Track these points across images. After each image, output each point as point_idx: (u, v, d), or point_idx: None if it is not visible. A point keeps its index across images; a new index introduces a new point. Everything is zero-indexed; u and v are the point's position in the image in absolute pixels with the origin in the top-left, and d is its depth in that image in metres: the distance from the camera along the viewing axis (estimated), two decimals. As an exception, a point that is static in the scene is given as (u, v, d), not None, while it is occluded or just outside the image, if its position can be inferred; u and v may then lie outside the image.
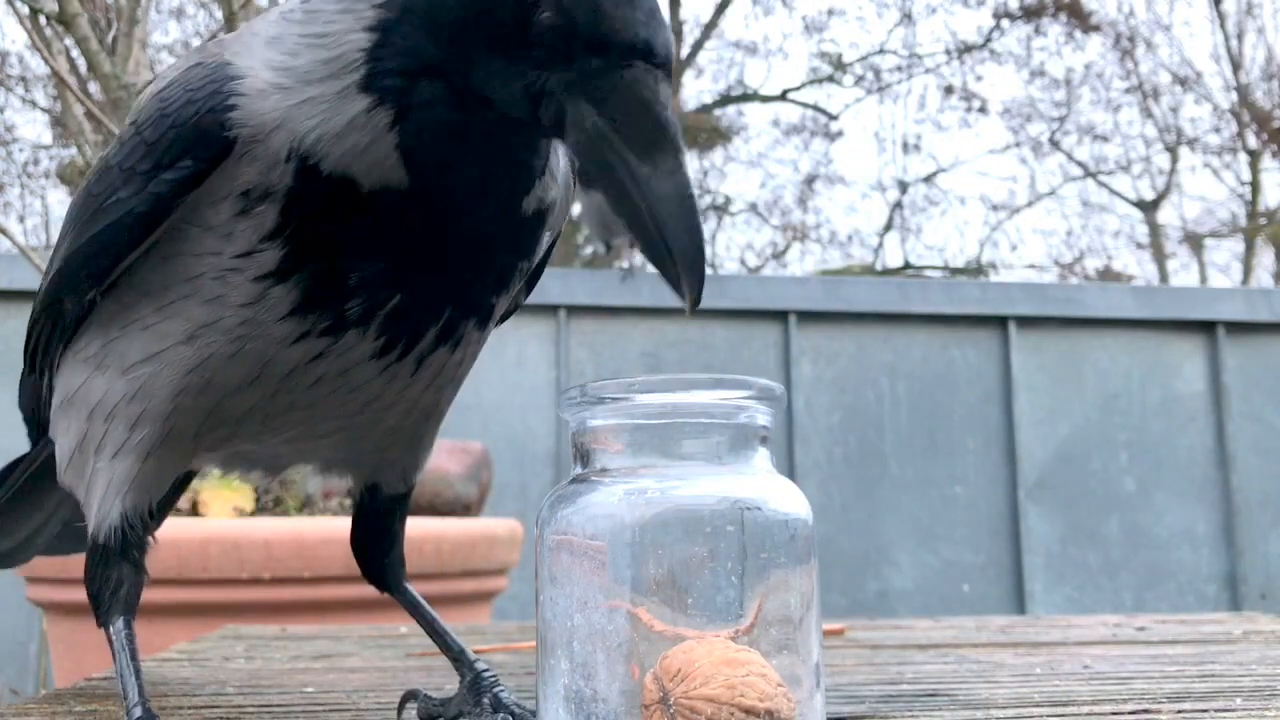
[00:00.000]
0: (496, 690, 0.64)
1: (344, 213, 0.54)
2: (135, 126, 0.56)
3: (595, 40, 0.49)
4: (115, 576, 0.62)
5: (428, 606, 0.70)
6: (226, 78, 0.54)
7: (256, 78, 0.54)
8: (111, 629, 0.62)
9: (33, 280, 2.54)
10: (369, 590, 0.72)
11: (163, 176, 0.53)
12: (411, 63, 0.52)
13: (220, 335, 0.56)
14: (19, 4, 1.89)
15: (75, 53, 1.98)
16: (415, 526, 1.78)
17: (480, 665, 0.66)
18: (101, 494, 0.60)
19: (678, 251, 0.48)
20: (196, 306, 0.56)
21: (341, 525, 1.64)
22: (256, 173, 0.53)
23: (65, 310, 0.60)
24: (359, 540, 0.70)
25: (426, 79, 0.52)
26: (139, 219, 0.54)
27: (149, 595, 0.62)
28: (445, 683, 0.78)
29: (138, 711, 0.58)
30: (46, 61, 1.81)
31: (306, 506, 1.85)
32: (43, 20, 1.92)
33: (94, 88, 1.98)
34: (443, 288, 0.58)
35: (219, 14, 1.76)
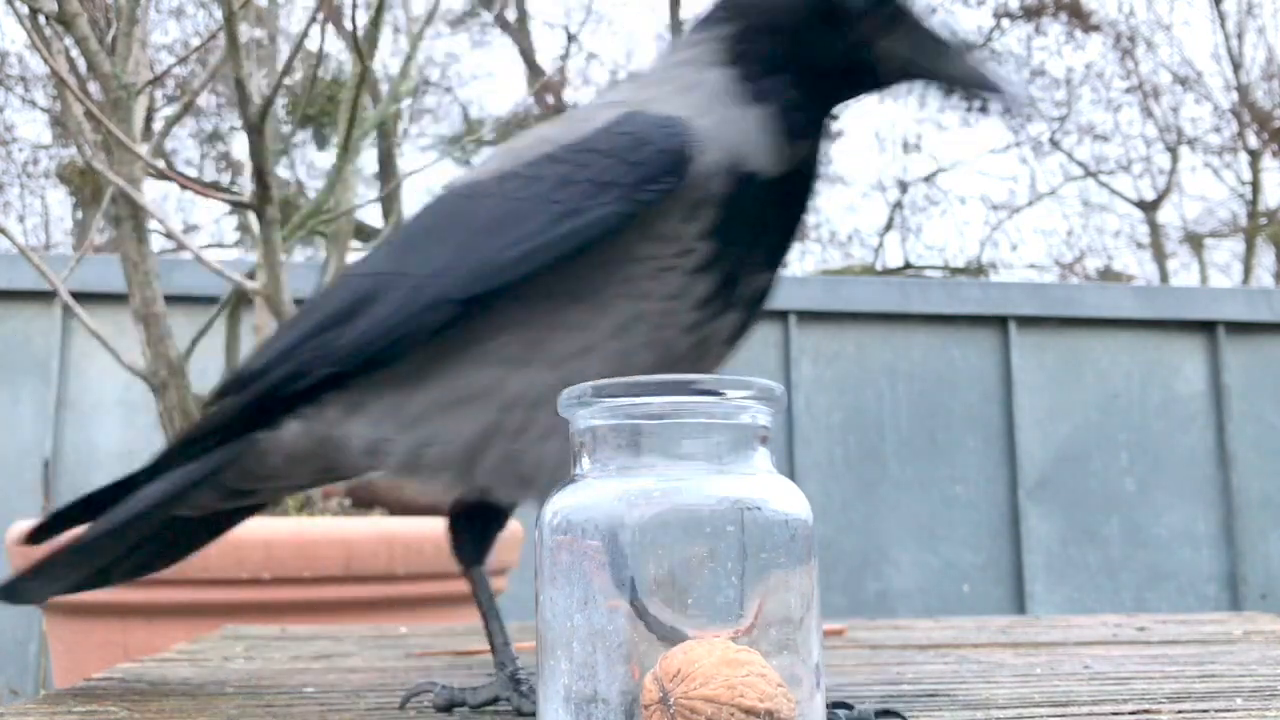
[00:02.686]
0: (534, 683, 0.65)
1: (752, 205, 0.66)
2: (598, 153, 0.66)
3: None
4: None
5: (493, 597, 0.75)
6: (676, 118, 0.66)
7: (680, 115, 0.66)
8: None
9: (33, 280, 2.54)
10: (369, 590, 0.72)
11: (646, 188, 0.64)
12: (769, 72, 0.67)
13: (643, 326, 0.66)
14: (18, 4, 1.89)
15: (75, 53, 1.98)
16: (415, 526, 1.77)
17: (520, 664, 0.68)
18: (535, 466, 0.67)
19: (983, 87, 0.66)
20: (626, 304, 0.66)
21: (341, 525, 1.65)
22: (702, 186, 0.65)
23: (481, 303, 0.65)
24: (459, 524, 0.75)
25: (784, 85, 0.67)
26: (623, 220, 0.64)
27: (149, 595, 0.62)
28: (445, 683, 0.78)
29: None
30: (46, 61, 1.81)
31: (306, 506, 1.85)
32: (42, 20, 1.92)
33: (94, 88, 1.98)
34: (781, 262, 0.71)
35: (219, 14, 1.76)
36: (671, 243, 0.65)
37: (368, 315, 0.67)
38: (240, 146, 8.67)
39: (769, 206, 0.68)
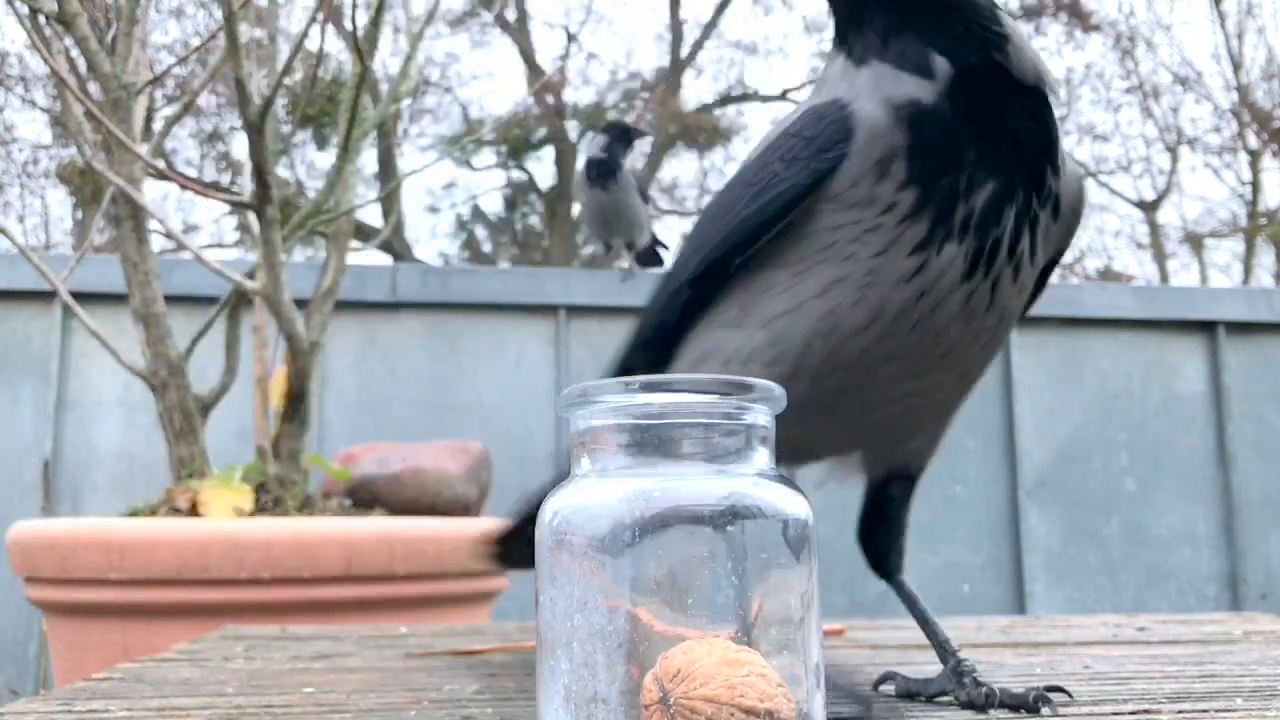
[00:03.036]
0: (974, 674, 0.69)
1: (940, 135, 0.67)
2: (792, 135, 0.71)
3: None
4: None
5: (920, 599, 0.78)
6: (845, 100, 0.70)
7: (848, 99, 0.70)
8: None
9: (33, 280, 2.53)
10: (369, 590, 0.72)
11: (823, 156, 0.68)
12: (865, 31, 0.69)
13: (848, 287, 0.69)
14: (18, 4, 1.89)
15: (75, 53, 1.98)
16: (415, 526, 1.77)
17: (961, 654, 0.71)
18: None
19: None
20: (830, 267, 0.69)
21: (341, 526, 1.64)
22: (882, 144, 0.67)
23: (720, 272, 0.73)
24: (866, 528, 0.81)
25: (885, 31, 0.69)
26: (805, 188, 0.68)
27: (149, 595, 0.62)
28: (445, 683, 0.78)
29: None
30: (46, 61, 1.81)
31: (306, 506, 1.85)
32: (42, 20, 1.92)
33: (94, 88, 1.98)
34: (1016, 164, 0.68)
35: (219, 14, 1.76)
36: (869, 206, 0.68)
37: (650, 308, 0.81)
38: (240, 146, 8.66)
39: (968, 122, 0.67)
